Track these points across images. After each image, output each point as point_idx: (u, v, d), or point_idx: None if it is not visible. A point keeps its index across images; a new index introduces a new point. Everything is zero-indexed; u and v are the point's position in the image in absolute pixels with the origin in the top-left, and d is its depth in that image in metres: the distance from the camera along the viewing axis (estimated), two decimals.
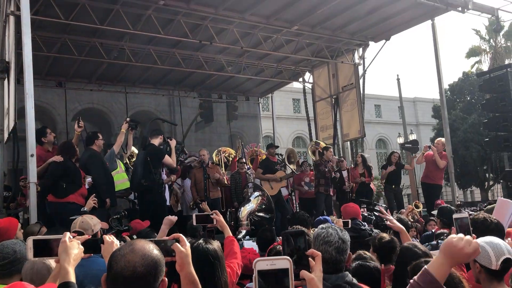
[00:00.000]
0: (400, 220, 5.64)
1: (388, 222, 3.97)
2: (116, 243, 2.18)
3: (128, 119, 7.43)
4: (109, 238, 2.22)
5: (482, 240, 2.57)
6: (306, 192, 10.10)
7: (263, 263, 1.30)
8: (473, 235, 2.56)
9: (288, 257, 1.33)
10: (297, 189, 10.31)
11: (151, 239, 1.95)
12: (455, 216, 2.64)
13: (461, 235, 1.81)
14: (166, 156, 7.01)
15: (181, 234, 1.98)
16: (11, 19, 7.59)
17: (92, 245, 2.16)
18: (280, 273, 1.29)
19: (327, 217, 5.48)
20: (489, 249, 2.48)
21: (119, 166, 7.51)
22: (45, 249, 2.07)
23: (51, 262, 2.42)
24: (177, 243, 1.90)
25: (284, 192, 9.95)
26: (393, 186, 10.39)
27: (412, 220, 7.69)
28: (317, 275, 1.61)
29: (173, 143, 7.28)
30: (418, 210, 9.19)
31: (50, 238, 2.09)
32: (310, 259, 1.64)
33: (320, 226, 2.56)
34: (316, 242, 2.45)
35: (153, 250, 1.68)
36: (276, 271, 1.29)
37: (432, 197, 9.51)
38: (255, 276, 1.29)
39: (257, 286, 1.27)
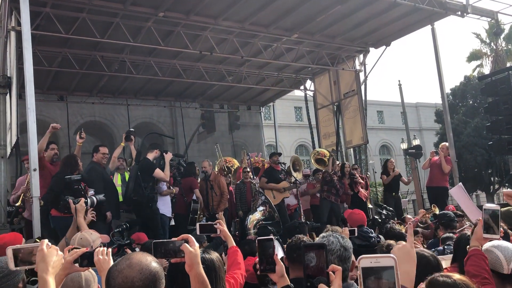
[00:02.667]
0: (392, 230, 5.56)
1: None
2: (105, 257, 2.13)
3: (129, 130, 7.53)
4: (100, 254, 2.15)
5: (490, 245, 2.50)
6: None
7: (367, 261, 1.31)
8: (503, 225, 2.49)
9: (394, 256, 1.32)
10: (312, 193, 10.17)
11: (161, 240, 1.91)
12: (485, 206, 2.55)
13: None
14: (157, 170, 6.98)
15: (190, 235, 1.93)
16: (12, 34, 7.64)
17: (90, 259, 2.13)
18: (384, 270, 1.28)
19: None
20: (499, 253, 2.41)
21: (114, 180, 7.56)
22: (24, 258, 2.06)
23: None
24: (186, 244, 1.86)
25: (293, 201, 9.87)
26: (394, 194, 10.36)
27: (422, 225, 7.59)
28: None
29: (168, 156, 7.25)
30: (432, 213, 9.12)
31: (29, 247, 2.08)
32: (330, 272, 1.62)
33: (321, 235, 2.51)
34: None
35: (151, 263, 1.64)
36: (380, 268, 1.27)
37: (439, 200, 9.40)
38: (359, 273, 1.30)
39: (361, 282, 1.26)
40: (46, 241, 2.04)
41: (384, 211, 8.45)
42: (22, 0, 6.71)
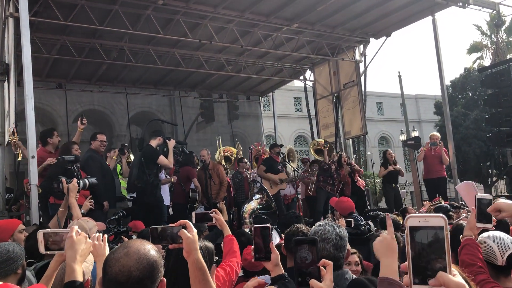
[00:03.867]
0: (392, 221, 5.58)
1: None
2: (101, 243, 2.13)
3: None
4: (95, 240, 2.15)
5: (485, 236, 2.50)
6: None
7: (415, 220, 1.25)
8: (494, 218, 2.50)
9: (443, 215, 1.30)
10: (306, 183, 10.20)
11: (156, 226, 1.89)
12: (478, 196, 2.56)
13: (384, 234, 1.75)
14: (161, 157, 6.94)
15: (187, 221, 1.90)
16: (10, 21, 7.58)
17: None
18: (433, 230, 1.24)
19: None
20: (493, 245, 2.40)
21: None
22: (54, 243, 2.07)
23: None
24: (183, 230, 1.83)
25: (291, 191, 9.88)
26: (393, 185, 10.35)
27: None
28: (327, 284, 1.57)
29: (171, 143, 7.21)
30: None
31: (60, 232, 2.09)
32: (321, 267, 1.60)
33: (317, 223, 2.51)
34: None
35: (149, 251, 1.60)
36: (429, 227, 1.25)
37: (439, 190, 9.38)
38: (406, 233, 1.26)
39: (409, 241, 1.26)
40: (76, 227, 2.03)
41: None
42: None
